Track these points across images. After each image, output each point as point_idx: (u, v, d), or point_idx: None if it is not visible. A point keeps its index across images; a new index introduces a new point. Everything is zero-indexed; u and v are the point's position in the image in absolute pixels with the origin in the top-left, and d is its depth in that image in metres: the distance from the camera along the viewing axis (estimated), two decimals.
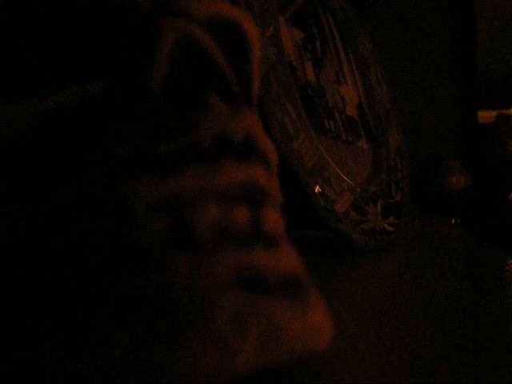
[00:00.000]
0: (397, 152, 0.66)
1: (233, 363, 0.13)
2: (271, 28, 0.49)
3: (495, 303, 0.27)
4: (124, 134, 0.15)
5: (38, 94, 0.16)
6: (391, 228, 0.56)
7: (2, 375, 0.14)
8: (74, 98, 0.16)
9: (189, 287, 0.14)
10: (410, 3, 1.30)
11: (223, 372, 0.13)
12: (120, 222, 0.14)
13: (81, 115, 0.16)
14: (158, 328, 0.13)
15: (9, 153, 0.16)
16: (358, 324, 0.23)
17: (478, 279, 0.34)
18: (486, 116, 1.20)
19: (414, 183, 0.69)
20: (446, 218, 1.06)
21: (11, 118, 0.16)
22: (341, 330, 0.21)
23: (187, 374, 0.13)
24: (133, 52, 0.16)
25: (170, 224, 0.14)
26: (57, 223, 0.15)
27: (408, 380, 0.16)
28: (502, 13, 1.22)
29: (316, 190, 0.46)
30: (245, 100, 0.19)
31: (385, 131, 0.66)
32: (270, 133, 0.43)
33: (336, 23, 0.64)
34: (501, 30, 1.22)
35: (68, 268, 0.14)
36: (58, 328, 0.14)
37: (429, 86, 1.29)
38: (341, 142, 0.55)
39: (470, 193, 1.14)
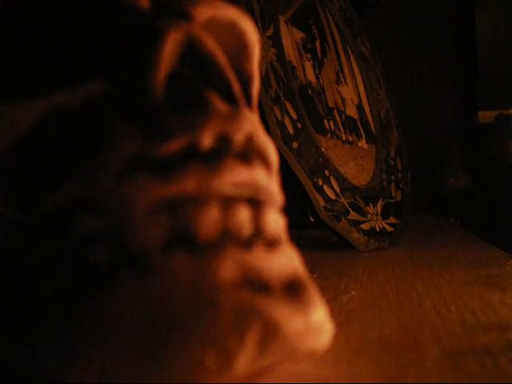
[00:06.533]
0: (397, 152, 0.66)
1: (232, 364, 0.13)
2: (271, 28, 0.49)
3: (495, 303, 0.27)
4: (124, 134, 0.15)
5: (38, 93, 0.16)
6: (391, 228, 0.56)
7: (2, 376, 0.14)
8: (73, 97, 0.16)
9: (188, 288, 0.14)
10: (409, 3, 1.29)
11: (223, 372, 0.13)
12: (120, 223, 0.14)
13: (81, 115, 0.16)
14: (157, 328, 0.13)
15: (9, 153, 0.16)
16: (357, 324, 0.23)
17: (479, 279, 0.34)
18: (486, 116, 1.20)
19: (414, 183, 0.69)
20: (446, 217, 1.06)
21: (12, 117, 0.16)
22: (340, 330, 0.21)
23: (187, 374, 0.13)
24: (134, 52, 0.16)
25: (170, 224, 0.14)
26: (56, 223, 0.15)
27: (408, 380, 0.16)
28: (502, 13, 1.22)
29: (316, 190, 0.46)
30: (245, 100, 0.19)
31: (384, 131, 0.66)
32: (270, 133, 0.43)
33: (336, 23, 0.64)
34: (501, 31, 1.22)
35: (67, 268, 0.14)
36: (57, 328, 0.14)
37: (428, 85, 1.29)
38: (341, 142, 0.55)
39: (470, 193, 1.14)
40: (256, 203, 0.16)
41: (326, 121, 0.53)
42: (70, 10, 0.17)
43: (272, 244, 0.16)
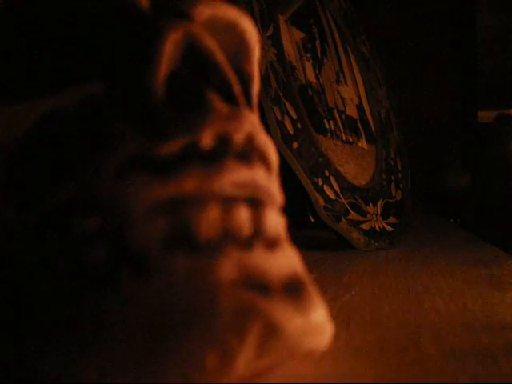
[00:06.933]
0: (397, 152, 0.66)
1: (232, 364, 0.13)
2: (271, 28, 0.49)
3: (495, 303, 0.27)
4: (124, 134, 0.15)
5: (38, 94, 0.16)
6: (391, 228, 0.56)
7: (2, 376, 0.14)
8: (74, 98, 0.16)
9: (188, 288, 0.14)
10: (409, 3, 1.29)
11: (223, 372, 0.13)
12: (119, 223, 0.14)
13: (81, 115, 0.16)
14: (157, 328, 0.13)
15: (10, 153, 0.16)
16: (357, 324, 0.23)
17: (479, 279, 0.34)
18: (486, 116, 1.20)
19: (414, 183, 0.69)
20: (446, 217, 1.06)
21: (12, 118, 0.16)
22: (340, 330, 0.21)
23: (186, 374, 0.13)
24: (134, 52, 0.16)
25: (169, 225, 0.14)
26: (56, 224, 0.15)
27: (408, 380, 0.16)
28: (502, 13, 1.22)
29: (316, 190, 0.46)
30: (245, 100, 0.19)
31: (384, 131, 0.66)
32: (270, 133, 0.43)
33: (336, 23, 0.64)
34: (501, 30, 1.22)
35: (67, 268, 0.14)
36: (56, 327, 0.14)
37: (428, 85, 1.29)
38: (341, 142, 0.55)
39: (470, 193, 1.14)
40: (256, 203, 0.16)
41: (325, 121, 0.53)
42: (69, 11, 0.17)
43: (272, 244, 0.16)
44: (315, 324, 0.15)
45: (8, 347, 0.14)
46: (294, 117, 0.47)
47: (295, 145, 0.46)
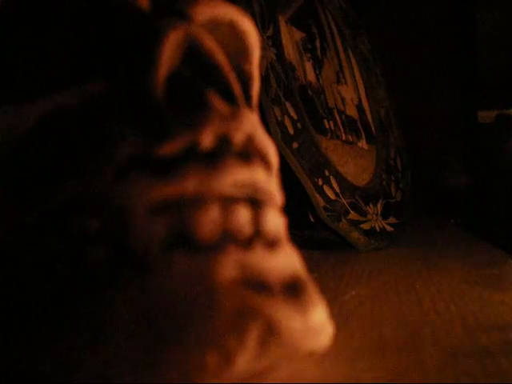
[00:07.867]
0: (397, 152, 0.66)
1: (232, 363, 0.13)
2: (271, 28, 0.49)
3: (495, 303, 0.27)
4: (125, 134, 0.15)
5: (38, 94, 0.16)
6: (391, 228, 0.56)
7: (2, 376, 0.14)
8: (74, 97, 0.16)
9: (188, 288, 0.14)
10: (409, 3, 1.29)
11: (223, 372, 0.13)
12: (120, 223, 0.14)
13: (81, 115, 0.16)
14: (156, 328, 0.13)
15: (10, 153, 0.16)
16: (357, 324, 0.23)
17: (479, 279, 0.34)
18: (486, 116, 1.20)
19: (414, 183, 0.69)
20: (446, 217, 1.05)
21: (12, 118, 0.16)
22: (340, 330, 0.21)
23: (185, 374, 0.13)
24: (134, 53, 0.16)
25: (169, 225, 0.14)
26: (56, 224, 0.15)
27: (408, 380, 0.16)
28: (502, 12, 1.22)
29: (316, 190, 0.46)
30: (245, 100, 0.19)
31: (384, 131, 0.66)
32: (270, 133, 0.43)
33: (336, 23, 0.64)
34: (501, 30, 1.22)
35: (67, 268, 0.14)
36: (56, 327, 0.14)
37: (428, 85, 1.29)
38: (341, 142, 0.55)
39: (470, 193, 1.14)
40: (256, 203, 0.16)
41: (326, 121, 0.53)
42: (70, 11, 0.17)
43: (272, 244, 0.16)
44: (315, 324, 0.15)
45: (8, 347, 0.14)
46: (294, 117, 0.47)
47: (295, 145, 0.46)
